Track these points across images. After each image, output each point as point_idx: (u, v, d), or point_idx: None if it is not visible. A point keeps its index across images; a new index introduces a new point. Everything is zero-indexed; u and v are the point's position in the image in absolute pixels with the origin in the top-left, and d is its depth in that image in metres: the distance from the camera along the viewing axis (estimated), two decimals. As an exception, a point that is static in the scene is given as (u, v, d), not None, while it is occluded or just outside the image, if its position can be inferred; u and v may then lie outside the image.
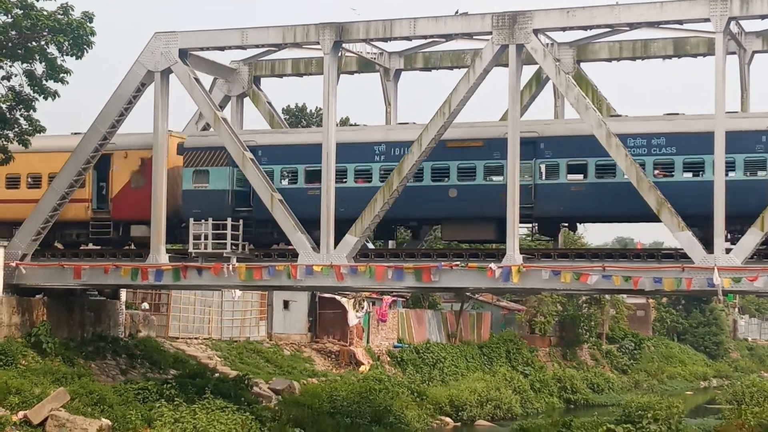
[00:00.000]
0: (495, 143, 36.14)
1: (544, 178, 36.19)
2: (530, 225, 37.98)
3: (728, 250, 32.54)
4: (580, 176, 35.83)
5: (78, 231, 41.78)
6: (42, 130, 39.65)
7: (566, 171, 35.83)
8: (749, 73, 38.48)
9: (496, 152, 36.12)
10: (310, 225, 36.91)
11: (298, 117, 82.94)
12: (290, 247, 37.41)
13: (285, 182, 38.75)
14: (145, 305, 50.97)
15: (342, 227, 36.21)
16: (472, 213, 36.53)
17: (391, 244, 43.70)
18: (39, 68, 38.63)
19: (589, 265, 34.29)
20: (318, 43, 37.03)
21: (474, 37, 37.34)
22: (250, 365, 51.76)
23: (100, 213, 41.21)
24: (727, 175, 32.62)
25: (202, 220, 37.74)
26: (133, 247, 41.45)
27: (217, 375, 44.96)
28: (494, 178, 36.50)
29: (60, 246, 42.61)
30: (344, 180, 37.75)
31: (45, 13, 37.61)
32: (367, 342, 62.62)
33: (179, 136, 41.03)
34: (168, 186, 38.52)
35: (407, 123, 39.79)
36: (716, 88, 32.81)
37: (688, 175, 34.82)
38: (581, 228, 55.93)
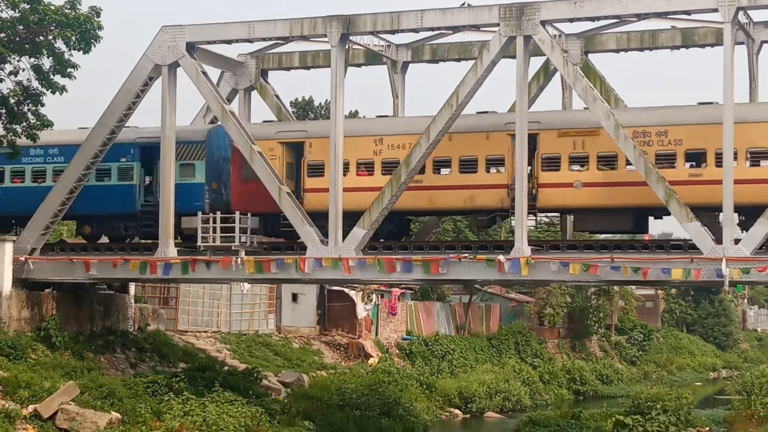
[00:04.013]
0: None
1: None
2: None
3: (736, 241, 32.49)
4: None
5: None
6: (50, 124, 39.66)
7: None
8: (758, 63, 38.40)
9: None
10: None
11: (305, 110, 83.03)
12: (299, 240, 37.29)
13: None
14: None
15: None
16: None
17: None
18: (46, 63, 38.65)
19: (597, 256, 34.24)
20: (325, 35, 36.98)
21: (481, 28, 37.28)
22: (259, 358, 51.83)
23: None
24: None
25: (210, 214, 37.81)
26: None
27: (226, 368, 45.04)
28: None
29: None
30: None
31: (52, 7, 37.58)
32: (376, 334, 62.66)
33: None
34: None
35: None
36: (724, 79, 32.73)
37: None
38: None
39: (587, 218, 36.59)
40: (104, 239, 42.47)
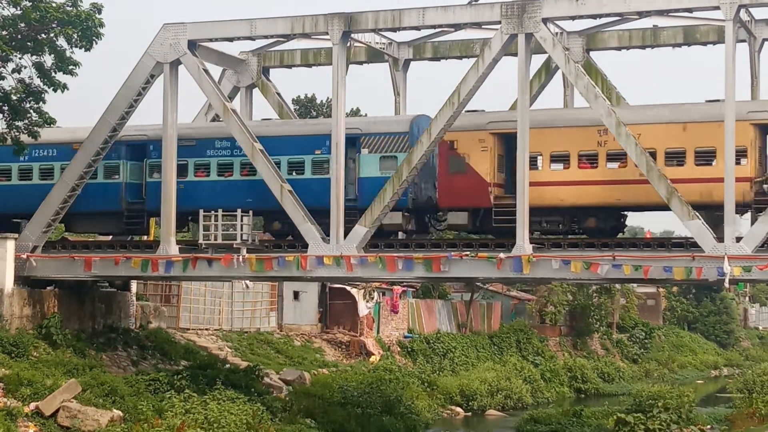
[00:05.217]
0: None
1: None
2: None
3: (739, 239, 32.49)
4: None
5: None
6: (52, 122, 39.65)
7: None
8: (759, 61, 38.41)
9: None
10: None
11: (307, 107, 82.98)
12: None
13: None
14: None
15: None
16: None
17: None
18: (48, 60, 38.67)
19: (599, 254, 34.26)
20: (327, 33, 37.01)
21: (483, 26, 37.29)
22: (260, 356, 51.84)
23: None
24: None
25: (212, 211, 37.76)
26: None
27: (227, 366, 45.05)
28: None
29: None
30: None
31: (54, 5, 37.63)
32: (378, 332, 62.67)
33: None
34: None
35: None
36: (726, 76, 32.73)
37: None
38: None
39: None
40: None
